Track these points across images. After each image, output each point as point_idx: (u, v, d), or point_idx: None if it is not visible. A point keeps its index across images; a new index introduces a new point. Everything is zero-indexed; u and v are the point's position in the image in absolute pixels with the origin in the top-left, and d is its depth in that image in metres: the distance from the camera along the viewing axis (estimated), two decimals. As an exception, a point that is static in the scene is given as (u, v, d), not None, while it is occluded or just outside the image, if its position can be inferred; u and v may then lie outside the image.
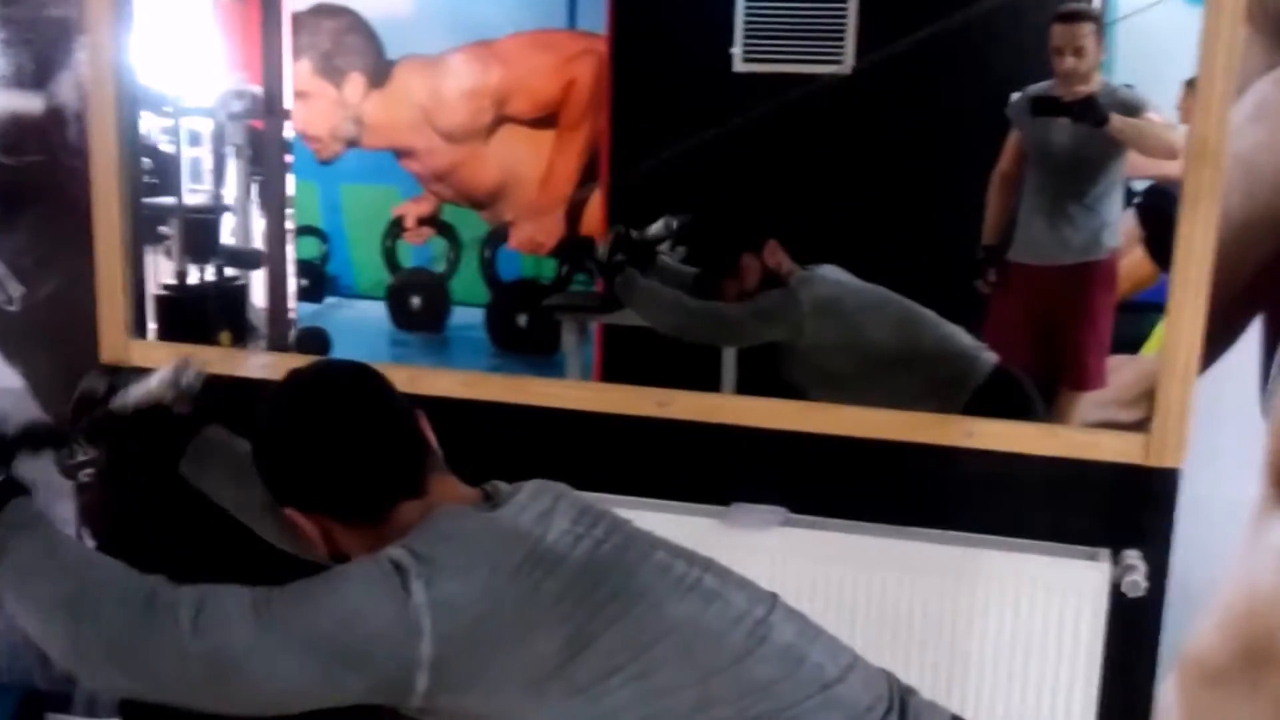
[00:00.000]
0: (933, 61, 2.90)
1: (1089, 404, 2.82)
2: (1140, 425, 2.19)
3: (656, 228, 2.91)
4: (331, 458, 1.49)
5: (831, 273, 2.77)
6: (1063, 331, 2.83)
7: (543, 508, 1.48)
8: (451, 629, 1.33)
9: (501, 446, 1.58)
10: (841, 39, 3.05)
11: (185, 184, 3.63)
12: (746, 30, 3.08)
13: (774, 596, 1.54)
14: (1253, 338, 2.02)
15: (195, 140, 3.94)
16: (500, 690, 1.35)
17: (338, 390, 1.54)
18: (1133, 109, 2.68)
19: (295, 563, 1.52)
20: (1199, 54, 1.97)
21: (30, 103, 2.44)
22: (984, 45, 2.82)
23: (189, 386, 1.60)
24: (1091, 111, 2.65)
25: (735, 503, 2.18)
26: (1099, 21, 2.74)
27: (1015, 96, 2.78)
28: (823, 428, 2.17)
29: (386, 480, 1.50)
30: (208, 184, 3.71)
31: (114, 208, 2.34)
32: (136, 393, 1.62)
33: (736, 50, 3.09)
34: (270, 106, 3.01)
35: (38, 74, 2.44)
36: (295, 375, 1.56)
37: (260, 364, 2.27)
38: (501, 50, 3.22)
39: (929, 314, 2.68)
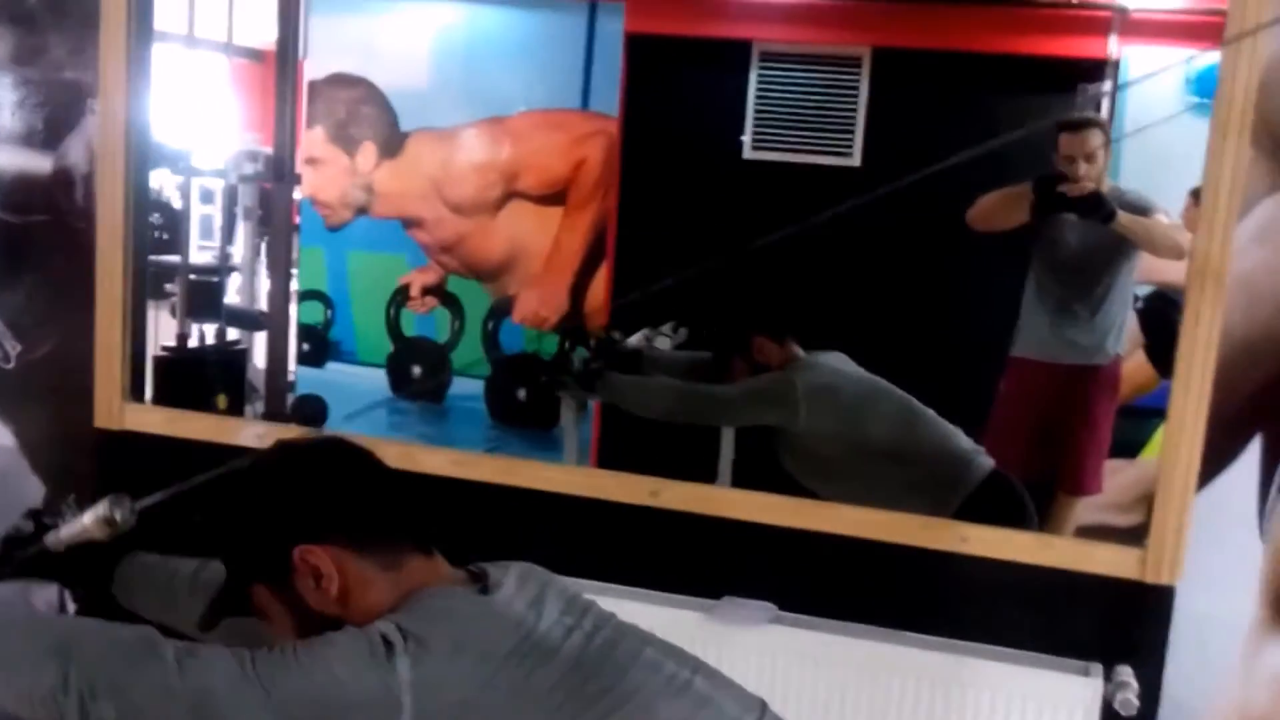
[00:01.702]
0: (942, 157, 2.92)
1: (1085, 507, 2.81)
2: (1136, 530, 2.17)
3: (636, 339, 2.96)
4: (351, 475, 1.51)
5: (834, 360, 2.77)
6: (1063, 434, 2.82)
7: (532, 595, 1.46)
8: (433, 709, 1.31)
9: (491, 527, 1.58)
10: (851, 132, 3.09)
11: (195, 241, 3.65)
12: (756, 119, 3.12)
13: (763, 704, 1.52)
14: (1251, 457, 2.02)
15: (207, 198, 3.98)
16: None
17: (339, 442, 1.57)
18: (1141, 210, 2.69)
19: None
20: (1204, 170, 1.98)
21: (39, 162, 2.46)
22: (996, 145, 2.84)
23: (124, 523, 1.60)
24: (1098, 207, 2.66)
25: (725, 596, 2.16)
26: (1106, 129, 2.76)
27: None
28: (817, 525, 2.16)
29: (401, 509, 1.51)
30: (215, 243, 3.73)
31: (116, 271, 2.35)
32: (69, 531, 1.62)
33: (746, 138, 3.13)
34: (280, 171, 3.04)
35: (48, 134, 2.46)
36: (284, 442, 1.57)
37: (254, 434, 2.27)
38: (514, 127, 3.26)
39: (928, 412, 2.68)
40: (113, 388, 2.39)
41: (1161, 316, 2.85)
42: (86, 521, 1.58)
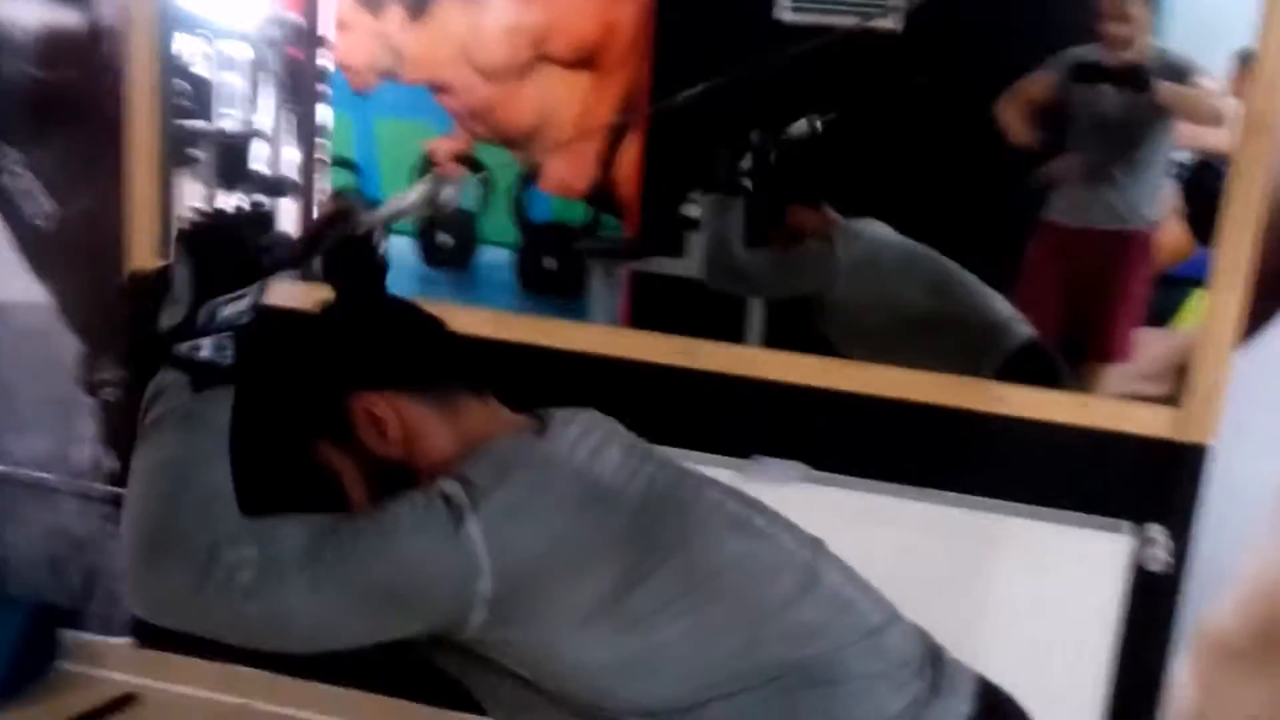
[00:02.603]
0: (983, 18, 2.85)
1: (1115, 376, 2.79)
2: (1166, 400, 2.16)
3: (799, 127, 2.82)
4: (397, 322, 1.51)
5: (874, 228, 2.73)
6: (1094, 300, 2.80)
7: (595, 442, 1.47)
8: (510, 566, 1.32)
9: (524, 387, 1.57)
10: (890, -7, 3.00)
11: (218, 109, 3.60)
12: (794, -21, 3.03)
13: (818, 541, 1.53)
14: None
15: (229, 65, 3.91)
16: (553, 623, 1.35)
17: (382, 294, 1.58)
18: (1181, 74, 2.63)
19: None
20: (1259, 28, 1.92)
21: (68, 17, 2.41)
22: (1036, 4, 2.77)
23: (446, 202, 1.53)
24: (1137, 78, 2.61)
25: (755, 456, 2.17)
26: None
27: (1064, 54, 2.73)
28: (849, 385, 2.15)
29: (450, 354, 1.51)
30: (239, 110, 3.68)
31: (148, 130, 2.33)
32: (390, 207, 1.55)
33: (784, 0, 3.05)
34: (309, 35, 2.98)
35: (77, -13, 2.41)
36: (324, 302, 1.56)
37: (293, 292, 2.25)
38: (542, -12, 3.19)
39: (969, 278, 2.65)
40: (147, 245, 2.38)
41: (1204, 185, 2.80)
42: (410, 199, 1.53)
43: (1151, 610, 2.03)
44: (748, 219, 2.85)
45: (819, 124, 2.81)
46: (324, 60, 3.26)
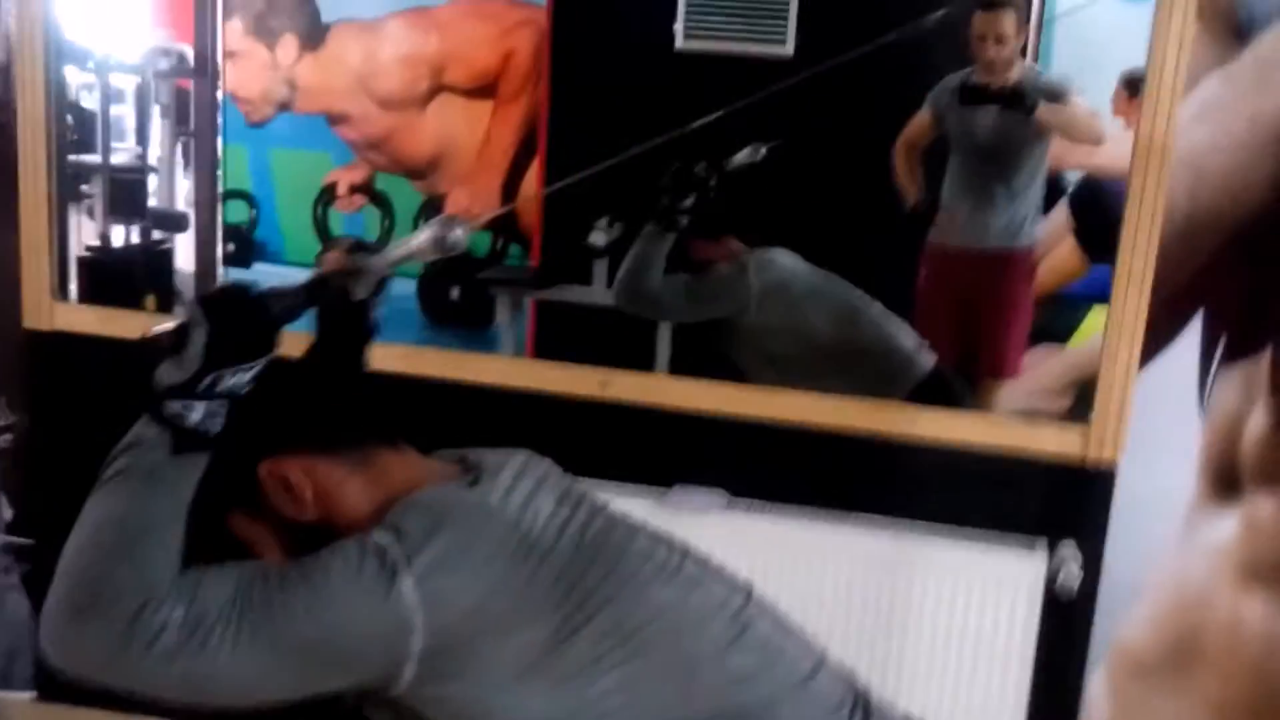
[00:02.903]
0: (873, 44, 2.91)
1: (1017, 393, 2.86)
2: (1067, 415, 2.22)
3: (742, 155, 2.81)
4: (296, 381, 1.46)
5: (781, 255, 2.77)
6: (981, 318, 2.86)
7: (527, 488, 1.44)
8: (442, 621, 1.30)
9: (437, 424, 1.55)
10: (784, 20, 3.05)
11: (107, 143, 3.52)
12: (689, 7, 3.06)
13: (748, 586, 1.53)
14: (1192, 336, 2.06)
15: (118, 98, 3.83)
16: (487, 679, 1.32)
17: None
18: (1058, 95, 2.71)
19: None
20: (1149, 49, 1.99)
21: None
22: (924, 30, 2.83)
23: (454, 245, 1.49)
24: (1020, 100, 2.68)
25: (677, 485, 2.18)
26: (1019, 10, 2.76)
27: (941, 83, 2.80)
28: (764, 412, 2.17)
29: (353, 407, 1.48)
30: (130, 143, 3.60)
31: (41, 166, 2.26)
32: (398, 251, 1.50)
33: (678, 27, 3.07)
34: (201, 66, 2.93)
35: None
36: None
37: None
38: (440, 18, 3.18)
39: (876, 307, 2.69)
40: (41, 287, 2.32)
41: (1092, 202, 2.89)
42: (416, 242, 1.47)
43: (1066, 628, 2.09)
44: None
45: (763, 151, 2.84)
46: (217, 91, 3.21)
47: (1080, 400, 2.61)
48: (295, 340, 1.47)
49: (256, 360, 1.35)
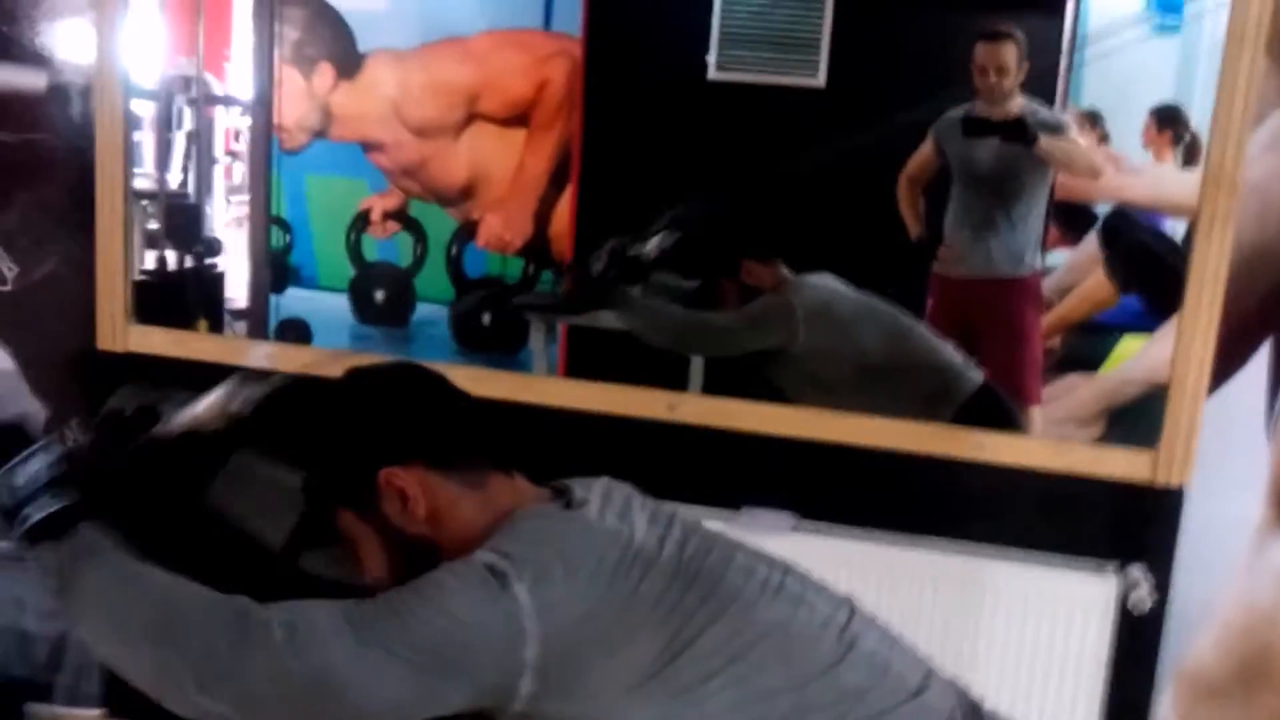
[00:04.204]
0: (905, 76, 2.95)
1: (1046, 421, 2.89)
2: (1108, 445, 2.26)
3: (653, 244, 2.89)
4: (429, 396, 1.51)
5: (823, 280, 2.79)
6: (992, 347, 2.87)
7: (619, 508, 1.47)
8: (556, 631, 1.32)
9: (506, 447, 1.58)
10: (816, 51, 3.09)
11: (164, 170, 3.55)
12: (722, 39, 3.10)
13: (850, 601, 1.55)
14: (1261, 361, 2.09)
15: (137, 124, 3.86)
16: (603, 693, 1.34)
17: (413, 366, 1.57)
18: (1056, 129, 2.75)
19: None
20: (1219, 79, 2.01)
21: (28, 78, 2.38)
22: (951, 60, 2.88)
23: (238, 412, 1.55)
24: (1022, 132, 2.72)
25: (745, 507, 2.19)
26: (1019, 43, 2.80)
27: (943, 116, 2.84)
28: (834, 435, 2.19)
29: (480, 430, 1.51)
30: (149, 169, 3.63)
31: (118, 191, 2.30)
32: (182, 419, 1.55)
33: (711, 58, 3.12)
34: (262, 98, 2.97)
35: (40, 50, 2.39)
36: (357, 368, 1.56)
37: (264, 354, 2.23)
38: (474, 48, 3.22)
39: (919, 326, 2.72)
40: (116, 309, 2.36)
41: (1121, 234, 2.93)
42: (201, 409, 1.53)
43: (1136, 650, 2.10)
44: (702, 280, 2.88)
45: (670, 239, 2.90)
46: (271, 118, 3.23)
47: (1111, 428, 2.64)
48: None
49: (28, 454, 1.43)
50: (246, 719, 1.31)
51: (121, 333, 2.38)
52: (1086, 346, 2.90)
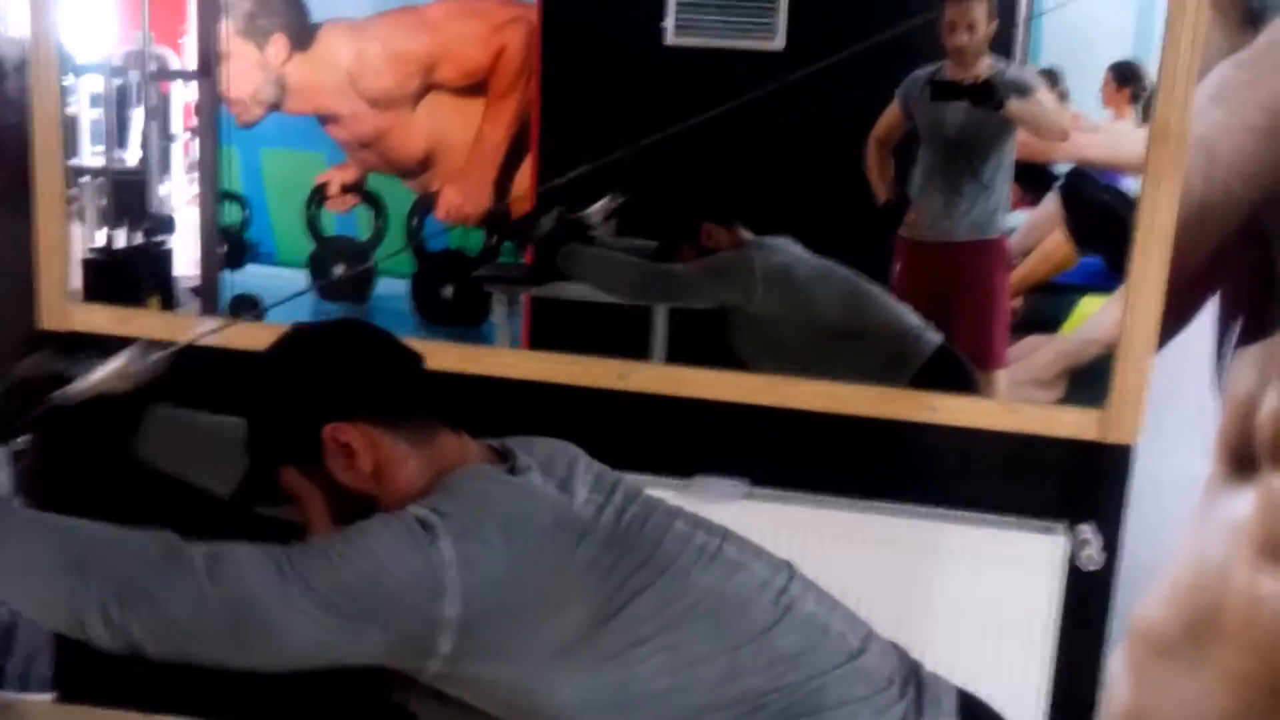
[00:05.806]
0: (864, 37, 2.93)
1: (1007, 383, 2.89)
2: (1059, 404, 2.26)
3: (597, 207, 2.88)
4: (376, 352, 1.48)
5: (783, 242, 2.78)
6: (960, 310, 2.87)
7: (561, 475, 1.46)
8: (478, 590, 1.31)
9: (459, 416, 1.56)
10: (774, 14, 3.06)
11: (90, 147, 3.50)
12: (679, 2, 3.07)
13: (789, 565, 1.54)
14: (1207, 318, 2.09)
15: (97, 101, 3.80)
16: (526, 658, 1.33)
17: (358, 323, 1.56)
18: (1024, 89, 2.73)
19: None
20: (1164, 33, 2.00)
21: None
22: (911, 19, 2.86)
23: (139, 376, 1.54)
24: (990, 95, 2.71)
25: (698, 475, 2.19)
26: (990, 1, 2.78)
27: (910, 77, 2.82)
28: (786, 401, 2.19)
29: (427, 386, 1.49)
30: (105, 147, 3.58)
31: (56, 169, 2.26)
32: (84, 384, 1.55)
33: (668, 23, 3.09)
34: (204, 67, 2.92)
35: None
36: (300, 325, 1.54)
37: (209, 328, 2.20)
38: (430, 16, 3.18)
39: (877, 290, 2.71)
40: (56, 288, 2.32)
41: (1081, 193, 2.93)
42: (101, 374, 1.52)
43: (1086, 608, 2.11)
44: (661, 241, 2.87)
45: (615, 204, 2.88)
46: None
47: (1072, 388, 2.64)
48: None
49: None
50: (163, 649, 1.29)
51: (63, 311, 2.34)
52: (1047, 307, 2.90)
